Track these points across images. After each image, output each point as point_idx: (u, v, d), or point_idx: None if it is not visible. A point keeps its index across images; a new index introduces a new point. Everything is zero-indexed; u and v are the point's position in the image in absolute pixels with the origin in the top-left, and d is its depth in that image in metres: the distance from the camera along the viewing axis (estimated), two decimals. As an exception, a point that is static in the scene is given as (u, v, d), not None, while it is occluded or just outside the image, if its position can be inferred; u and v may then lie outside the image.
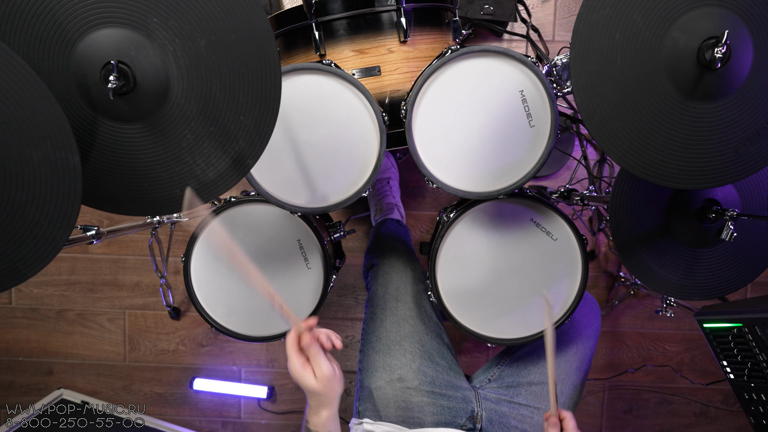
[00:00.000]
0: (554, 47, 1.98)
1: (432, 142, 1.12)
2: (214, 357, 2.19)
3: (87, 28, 0.82)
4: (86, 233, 1.27)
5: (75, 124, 0.87)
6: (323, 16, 1.19)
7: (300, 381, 0.88)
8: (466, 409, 1.22)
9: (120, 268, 2.15)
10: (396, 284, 1.35)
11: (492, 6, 1.82)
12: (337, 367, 0.90)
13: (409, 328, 1.26)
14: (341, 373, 0.91)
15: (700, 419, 2.19)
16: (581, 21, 0.86)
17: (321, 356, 0.87)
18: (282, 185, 1.13)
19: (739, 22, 0.85)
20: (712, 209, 1.09)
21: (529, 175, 1.11)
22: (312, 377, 0.87)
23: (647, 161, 0.92)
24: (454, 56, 1.06)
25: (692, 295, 1.19)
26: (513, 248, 1.24)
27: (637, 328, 2.14)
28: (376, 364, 1.23)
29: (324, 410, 0.91)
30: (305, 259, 1.30)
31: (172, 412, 2.23)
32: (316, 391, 0.88)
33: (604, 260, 2.09)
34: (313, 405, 0.91)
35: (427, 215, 2.09)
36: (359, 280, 2.13)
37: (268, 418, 2.22)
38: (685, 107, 0.88)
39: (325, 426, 0.92)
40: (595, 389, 2.18)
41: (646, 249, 1.14)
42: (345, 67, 1.19)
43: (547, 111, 1.09)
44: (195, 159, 0.91)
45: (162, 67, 0.85)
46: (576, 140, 2.00)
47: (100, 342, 2.20)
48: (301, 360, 0.87)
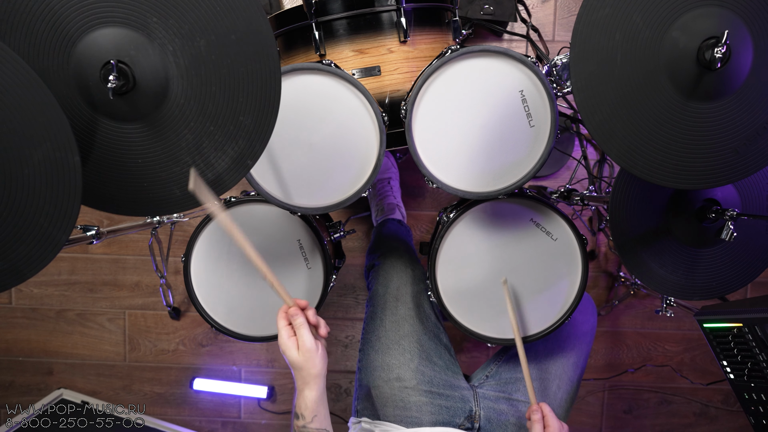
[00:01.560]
0: (554, 47, 1.98)
1: (432, 142, 1.12)
2: (214, 357, 2.20)
3: (87, 28, 0.82)
4: (86, 233, 1.27)
5: (75, 124, 0.87)
6: (323, 16, 1.19)
7: (284, 352, 0.94)
8: (464, 408, 1.22)
9: (120, 268, 2.15)
10: (396, 284, 1.35)
11: (492, 6, 1.82)
12: (322, 345, 0.95)
13: (408, 328, 1.27)
14: (325, 352, 0.96)
15: (700, 419, 2.19)
16: (581, 21, 0.86)
17: (305, 329, 0.93)
18: (282, 185, 1.13)
19: (739, 22, 0.85)
20: (712, 209, 1.09)
21: (529, 175, 1.11)
22: (295, 348, 0.93)
23: (647, 161, 0.92)
24: (454, 56, 1.06)
25: (692, 295, 1.19)
26: (513, 248, 1.24)
27: (637, 328, 2.14)
28: (374, 363, 1.24)
29: (308, 390, 0.95)
30: (305, 259, 1.30)
31: (172, 412, 2.23)
32: (298, 363, 0.93)
33: (604, 260, 2.09)
34: (299, 385, 0.96)
35: (427, 215, 2.09)
36: (359, 280, 2.13)
37: (268, 418, 2.22)
38: (685, 107, 0.88)
39: (309, 409, 0.95)
40: (595, 389, 2.18)
41: (646, 249, 1.14)
42: (345, 67, 1.19)
43: (547, 111, 1.09)
44: (195, 159, 0.91)
45: (162, 67, 0.85)
46: (576, 140, 2.00)
47: (100, 342, 2.20)
48: (287, 331, 0.94)
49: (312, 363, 0.93)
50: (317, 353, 0.93)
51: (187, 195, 0.93)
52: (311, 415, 0.95)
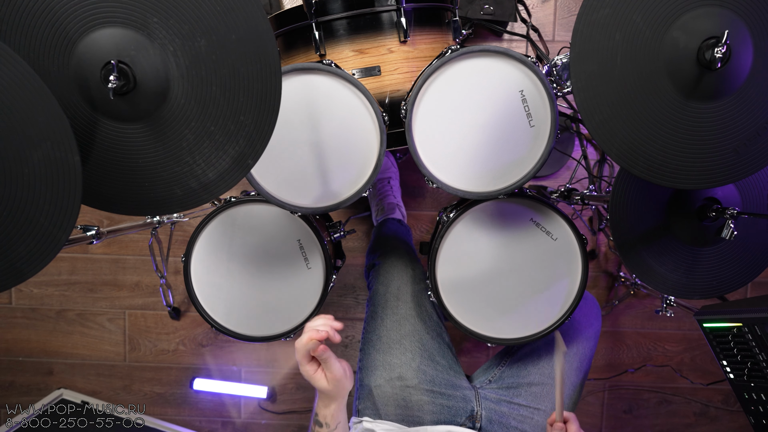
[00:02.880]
0: (554, 47, 1.98)
1: (432, 142, 1.12)
2: (214, 357, 2.20)
3: (87, 28, 0.82)
4: (86, 233, 1.27)
5: (75, 124, 0.87)
6: (323, 16, 1.19)
7: (312, 383, 0.94)
8: (465, 408, 1.22)
9: (120, 268, 2.15)
10: (397, 283, 1.35)
11: (492, 6, 1.82)
12: (347, 365, 0.96)
13: (409, 327, 1.27)
14: (351, 370, 0.97)
15: (700, 419, 2.19)
16: (581, 21, 0.86)
17: (332, 360, 0.92)
18: (282, 185, 1.13)
19: (739, 22, 0.85)
20: (713, 208, 1.09)
21: (529, 175, 1.11)
22: (324, 380, 0.93)
23: (647, 161, 0.92)
24: (454, 56, 1.06)
25: (692, 294, 1.19)
26: (513, 248, 1.24)
27: (637, 328, 2.14)
28: (376, 362, 1.24)
29: (334, 404, 0.96)
30: (305, 259, 1.30)
31: (172, 412, 2.23)
32: (330, 392, 0.94)
33: (604, 260, 2.09)
34: (323, 399, 0.97)
35: (427, 215, 2.09)
36: (359, 280, 2.13)
37: (268, 418, 2.22)
38: (685, 107, 0.88)
39: (333, 417, 0.97)
40: (595, 389, 2.18)
41: (647, 248, 1.14)
42: (345, 67, 1.19)
43: (547, 111, 1.09)
44: (195, 159, 0.91)
45: (162, 67, 0.85)
46: (576, 140, 2.00)
47: (100, 342, 2.20)
48: (312, 366, 0.93)
49: (342, 386, 0.95)
50: (346, 377, 0.95)
51: (188, 195, 0.93)
52: (335, 423, 0.98)
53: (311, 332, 0.90)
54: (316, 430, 0.99)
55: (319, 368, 0.93)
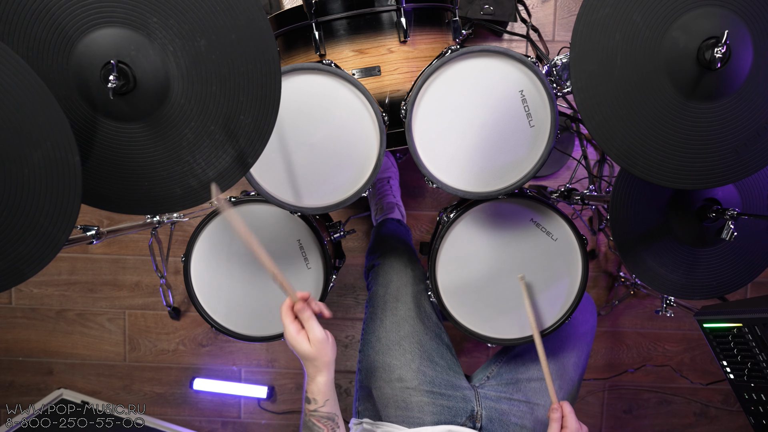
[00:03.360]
0: (554, 47, 1.98)
1: (432, 142, 1.12)
2: (214, 357, 2.20)
3: (87, 28, 0.82)
4: (86, 233, 1.27)
5: (75, 124, 0.87)
6: (323, 16, 1.19)
7: (295, 346, 0.96)
8: (465, 408, 1.22)
9: (120, 268, 2.15)
10: (396, 284, 1.35)
11: (492, 6, 1.82)
12: (329, 333, 0.98)
13: (408, 328, 1.26)
14: (333, 339, 0.99)
15: (700, 419, 2.19)
16: (581, 21, 0.86)
17: (314, 321, 0.95)
18: (282, 185, 1.13)
19: (739, 22, 0.85)
20: (713, 208, 1.09)
21: (529, 175, 1.11)
22: (306, 342, 0.95)
23: (647, 161, 0.92)
24: (454, 56, 1.06)
25: (692, 295, 1.19)
26: (513, 248, 1.24)
27: (637, 328, 2.14)
28: (375, 364, 1.24)
29: (320, 376, 0.97)
30: (305, 259, 1.30)
31: (172, 412, 2.23)
32: (311, 355, 0.95)
33: (604, 260, 2.09)
34: (310, 372, 0.98)
35: (427, 215, 2.09)
36: (359, 280, 2.13)
37: (268, 418, 2.22)
38: (685, 107, 0.88)
39: (322, 393, 0.98)
40: (595, 389, 2.18)
41: (647, 248, 1.14)
42: (345, 67, 1.19)
43: (547, 111, 1.09)
44: (195, 158, 0.91)
45: (162, 67, 0.85)
46: (576, 140, 2.00)
47: (100, 342, 2.20)
48: (295, 326, 0.96)
49: (324, 352, 0.96)
50: (328, 342, 0.96)
51: (188, 194, 0.93)
52: (323, 399, 0.99)
53: (299, 298, 0.95)
54: (306, 408, 1.00)
55: (303, 330, 0.95)
